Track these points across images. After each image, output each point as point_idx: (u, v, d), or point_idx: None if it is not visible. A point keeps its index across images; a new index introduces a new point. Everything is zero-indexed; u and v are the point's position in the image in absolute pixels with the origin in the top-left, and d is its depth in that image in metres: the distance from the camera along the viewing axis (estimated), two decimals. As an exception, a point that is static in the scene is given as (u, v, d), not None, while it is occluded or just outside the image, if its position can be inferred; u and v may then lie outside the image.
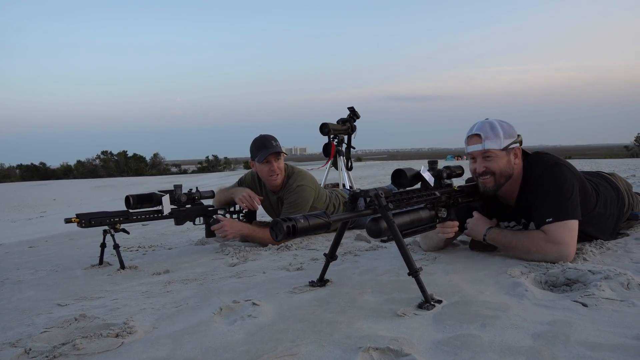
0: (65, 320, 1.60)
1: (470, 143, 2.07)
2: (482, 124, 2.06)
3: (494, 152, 2.02)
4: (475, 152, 2.06)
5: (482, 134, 2.02)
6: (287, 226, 1.37)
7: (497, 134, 2.01)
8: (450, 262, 2.07)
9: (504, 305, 1.46)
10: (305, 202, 2.94)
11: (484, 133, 2.02)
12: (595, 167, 12.29)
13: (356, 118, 4.92)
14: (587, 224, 2.08)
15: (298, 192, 2.92)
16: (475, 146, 2.04)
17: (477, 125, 2.07)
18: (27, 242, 4.38)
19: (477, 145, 2.04)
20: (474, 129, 2.07)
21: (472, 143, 2.06)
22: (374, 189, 1.62)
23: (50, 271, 2.66)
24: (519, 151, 2.09)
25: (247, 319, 1.49)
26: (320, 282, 1.84)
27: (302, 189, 2.93)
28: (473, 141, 2.06)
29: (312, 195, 2.98)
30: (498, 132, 2.01)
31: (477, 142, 2.04)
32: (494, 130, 2.02)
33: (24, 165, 44.90)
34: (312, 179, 3.06)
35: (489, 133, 2.01)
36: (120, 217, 2.58)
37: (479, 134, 2.03)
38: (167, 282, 2.12)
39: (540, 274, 1.77)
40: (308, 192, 2.95)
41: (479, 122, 2.09)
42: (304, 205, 2.93)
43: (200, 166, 43.89)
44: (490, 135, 2.01)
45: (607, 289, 1.51)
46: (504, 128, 2.04)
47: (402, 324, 1.37)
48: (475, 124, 2.09)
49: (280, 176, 2.96)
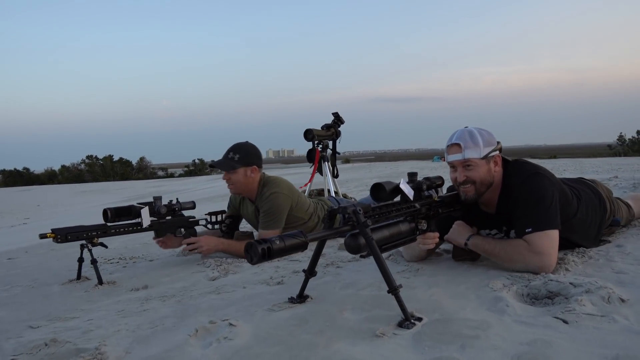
0: (35, 346, 1.54)
1: (450, 152, 2.06)
2: (462, 133, 2.04)
3: (474, 161, 2.01)
4: (456, 162, 2.04)
5: (461, 143, 2.01)
6: (262, 248, 1.33)
7: (477, 142, 2.00)
8: (433, 274, 2.05)
9: (485, 324, 1.44)
10: (279, 210, 2.85)
11: (463, 142, 2.01)
12: (579, 166, 12.43)
13: (340, 123, 4.90)
14: (569, 231, 2.08)
15: (271, 200, 2.84)
16: (455, 155, 2.03)
17: (456, 135, 2.05)
18: (7, 253, 4.28)
19: (457, 154, 2.02)
20: (453, 138, 2.05)
21: (452, 152, 2.05)
22: (352, 205, 1.59)
23: (27, 287, 2.59)
24: (499, 159, 2.08)
25: (223, 342, 1.45)
26: (300, 298, 1.81)
27: (276, 197, 2.85)
28: (453, 150, 2.04)
29: (286, 202, 2.89)
30: (477, 141, 2.00)
31: (457, 151, 2.03)
32: (473, 139, 2.01)
33: (7, 171, 44.19)
34: (289, 186, 2.98)
35: (468, 142, 2.00)
36: (98, 231, 2.52)
37: (459, 143, 2.02)
38: (144, 300, 2.07)
39: (522, 286, 1.76)
40: (282, 199, 2.87)
41: (459, 130, 2.07)
42: (278, 214, 2.85)
43: (187, 169, 43.61)
44: (470, 144, 2.00)
45: (588, 304, 1.50)
46: (484, 136, 2.03)
47: (380, 345, 1.34)
48: (455, 132, 2.08)
49: (234, 187, 2.88)
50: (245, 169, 2.84)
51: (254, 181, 2.89)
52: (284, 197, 2.87)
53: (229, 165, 2.82)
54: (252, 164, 2.86)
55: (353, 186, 9.01)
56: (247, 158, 2.84)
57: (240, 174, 2.83)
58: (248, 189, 2.91)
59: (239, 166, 2.82)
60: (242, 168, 2.83)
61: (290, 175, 16.24)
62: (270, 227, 2.83)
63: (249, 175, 2.86)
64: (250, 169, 2.85)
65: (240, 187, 2.88)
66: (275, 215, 2.85)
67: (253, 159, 2.88)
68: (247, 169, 2.84)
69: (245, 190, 2.92)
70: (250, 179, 2.87)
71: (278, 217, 2.85)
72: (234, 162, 2.82)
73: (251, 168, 2.86)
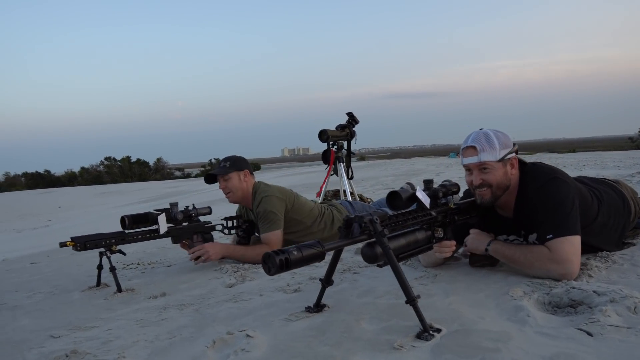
0: (57, 357, 1.57)
1: (466, 155, 2.02)
2: (477, 135, 2.00)
3: (490, 164, 1.97)
4: (471, 165, 2.01)
5: (477, 145, 1.97)
6: (280, 259, 1.33)
7: (493, 145, 1.96)
8: (451, 281, 2.02)
9: (505, 335, 1.41)
10: (272, 211, 2.90)
11: (479, 145, 1.97)
12: (600, 160, 12.19)
13: (355, 123, 4.87)
14: (589, 235, 2.03)
15: (263, 204, 2.93)
16: (470, 158, 1.99)
17: (471, 137, 2.02)
18: (29, 257, 4.37)
19: (472, 157, 1.99)
20: (468, 140, 2.01)
21: (467, 155, 2.01)
22: (369, 214, 1.58)
23: (48, 294, 2.63)
24: (516, 161, 2.04)
25: (240, 354, 1.45)
26: (317, 307, 1.80)
27: (267, 200, 2.93)
28: (468, 153, 2.01)
29: (279, 203, 2.95)
30: (494, 143, 1.96)
31: (472, 154, 1.99)
32: (489, 141, 1.97)
33: (29, 173, 45.12)
34: (280, 189, 3.06)
35: (484, 145, 1.96)
36: (116, 239, 2.55)
37: (474, 145, 1.98)
38: (162, 308, 2.08)
39: (544, 294, 1.72)
40: (274, 201, 2.93)
41: (474, 133, 2.04)
42: (272, 215, 2.90)
43: (204, 169, 43.96)
44: (486, 147, 1.96)
45: (613, 314, 1.46)
46: (500, 138, 1.99)
47: (398, 358, 1.33)
48: (470, 135, 2.04)
49: (232, 194, 3.02)
50: (238, 173, 2.99)
51: (248, 186, 3.03)
52: (275, 199, 2.95)
53: (223, 171, 2.99)
54: (243, 169, 3.02)
55: (369, 185, 8.97)
56: (237, 164, 3.02)
57: (234, 179, 2.99)
58: (244, 195, 3.03)
59: (232, 170, 2.98)
60: (235, 172, 2.98)
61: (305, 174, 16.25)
62: (270, 229, 2.87)
63: (243, 179, 3.00)
64: (242, 173, 3.01)
65: (237, 193, 3.01)
66: (271, 217, 2.89)
67: (243, 164, 3.04)
68: (240, 173, 3.00)
69: (242, 197, 3.03)
70: (244, 184, 3.01)
71: (275, 218, 2.89)
72: (227, 169, 2.99)
73: (244, 172, 3.02)
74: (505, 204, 2.08)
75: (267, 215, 2.89)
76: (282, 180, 14.22)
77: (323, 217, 3.14)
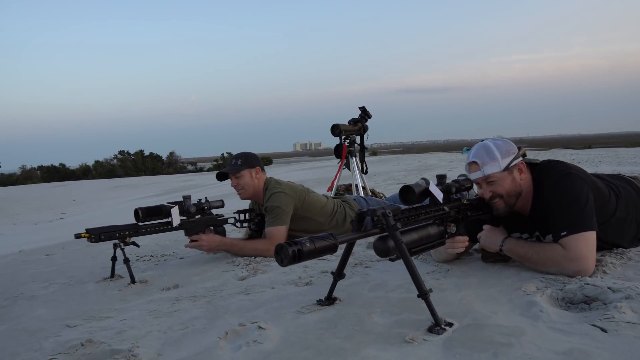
0: (72, 346, 1.59)
1: (471, 171, 2.03)
2: (477, 150, 2.01)
3: (494, 176, 1.97)
4: (477, 180, 2.01)
5: (478, 160, 1.98)
6: (293, 251, 1.34)
7: (494, 156, 1.96)
8: (463, 276, 2.01)
9: (518, 330, 1.40)
10: (278, 207, 2.90)
11: (480, 159, 1.97)
12: (616, 157, 11.99)
13: (368, 118, 4.85)
14: (607, 231, 2.00)
15: (272, 200, 2.93)
16: (475, 174, 2.01)
17: (472, 152, 2.03)
18: (45, 249, 4.43)
19: (477, 172, 2.00)
20: (470, 156, 2.03)
21: (472, 171, 2.03)
22: (382, 208, 1.57)
23: (64, 285, 2.68)
24: (523, 165, 2.02)
25: (252, 345, 1.46)
26: (328, 300, 1.81)
27: (275, 196, 2.94)
28: (472, 169, 2.02)
29: (287, 200, 2.94)
30: (494, 155, 1.96)
31: (476, 169, 2.00)
32: (489, 154, 1.97)
33: (45, 167, 45.75)
34: (290, 186, 3.06)
35: (485, 158, 1.97)
36: (130, 231, 2.58)
37: (476, 161, 1.99)
38: (175, 299, 2.11)
39: (557, 289, 1.70)
40: (282, 197, 2.94)
41: (474, 147, 2.05)
42: (278, 210, 2.90)
43: (216, 163, 44.18)
44: (487, 160, 1.96)
45: (629, 311, 1.44)
46: (500, 148, 1.98)
47: (410, 352, 1.33)
48: (472, 149, 2.06)
49: (244, 191, 3.03)
50: (250, 170, 3.00)
51: (260, 183, 3.04)
52: (284, 196, 2.95)
53: (235, 169, 3.00)
54: (255, 166, 3.02)
55: (381, 180, 8.94)
56: (249, 161, 3.02)
57: (246, 176, 3.00)
58: (256, 191, 3.04)
59: (243, 168, 2.99)
60: (246, 170, 2.99)
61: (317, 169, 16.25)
62: (275, 223, 2.88)
63: (254, 176, 3.02)
64: (254, 170, 3.02)
65: (249, 189, 3.02)
66: (277, 212, 2.90)
67: (254, 161, 3.05)
68: (251, 170, 3.01)
69: (254, 193, 3.05)
70: (255, 181, 3.02)
71: (280, 213, 2.89)
72: (238, 166, 3.00)
73: (255, 169, 3.02)
74: (522, 208, 2.07)
75: (273, 211, 2.91)
76: (294, 175, 14.24)
77: (335, 215, 3.13)
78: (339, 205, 3.21)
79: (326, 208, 3.12)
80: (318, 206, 3.09)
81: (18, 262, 3.75)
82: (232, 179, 3.03)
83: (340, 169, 4.72)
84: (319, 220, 3.07)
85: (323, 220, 3.09)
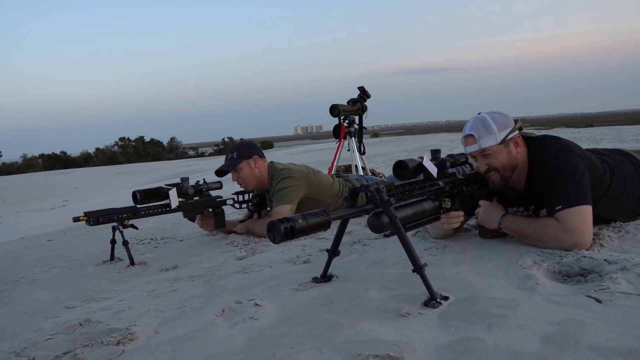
0: (71, 326, 1.60)
1: (467, 144, 2.01)
2: (474, 122, 1.99)
3: (491, 149, 1.96)
4: (473, 152, 1.99)
5: (474, 133, 1.96)
6: (285, 227, 1.33)
7: (490, 129, 1.94)
8: (461, 251, 2.01)
9: (513, 302, 1.40)
10: (284, 187, 2.87)
11: (476, 132, 1.96)
12: (618, 134, 11.93)
13: (367, 98, 4.82)
14: (601, 208, 1.99)
15: (281, 182, 2.90)
16: (471, 147, 1.99)
17: (469, 124, 2.01)
18: (47, 235, 4.45)
19: (473, 145, 1.98)
20: (466, 128, 2.01)
21: (468, 144, 2.01)
22: (375, 183, 1.56)
23: (64, 268, 2.69)
24: (519, 139, 2.01)
25: (249, 322, 1.46)
26: (324, 278, 1.81)
27: (286, 180, 2.90)
28: (469, 142, 2.00)
29: (296, 183, 2.90)
30: (491, 128, 1.94)
31: (472, 142, 1.98)
32: (486, 126, 1.95)
33: (46, 155, 45.77)
34: (296, 169, 3.00)
35: (481, 131, 1.95)
36: (128, 213, 2.58)
37: (472, 134, 1.97)
38: (174, 280, 2.12)
39: (554, 263, 1.71)
40: (291, 181, 2.90)
41: (471, 120, 2.03)
42: (283, 192, 2.87)
43: (217, 148, 44.11)
44: (483, 133, 1.94)
45: (624, 282, 1.44)
46: (497, 121, 1.96)
47: (405, 325, 1.33)
48: (468, 122, 2.03)
49: (247, 184, 2.98)
50: (247, 161, 2.93)
51: (262, 171, 2.97)
52: (292, 180, 2.90)
53: (231, 164, 2.92)
54: (252, 155, 2.94)
55: (382, 161, 8.94)
56: (244, 151, 2.94)
57: (245, 168, 2.93)
58: (259, 181, 2.98)
59: (240, 161, 2.91)
60: (244, 162, 2.92)
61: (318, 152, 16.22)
62: (282, 202, 2.83)
63: (253, 166, 2.94)
64: (252, 160, 2.94)
65: (251, 181, 2.97)
66: (283, 194, 2.86)
67: (250, 150, 2.96)
68: (249, 160, 2.93)
69: (257, 183, 2.99)
70: (256, 170, 2.95)
71: (286, 193, 2.86)
72: (235, 160, 2.92)
73: (253, 159, 2.94)
74: (517, 182, 2.06)
75: (280, 192, 2.87)
76: (295, 157, 14.22)
77: (341, 195, 3.11)
78: (343, 185, 3.18)
79: (333, 188, 3.10)
80: (327, 185, 3.06)
81: (20, 248, 3.77)
82: (232, 175, 2.96)
83: (339, 149, 4.71)
84: (326, 200, 3.04)
85: (330, 200, 3.06)
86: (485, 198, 2.07)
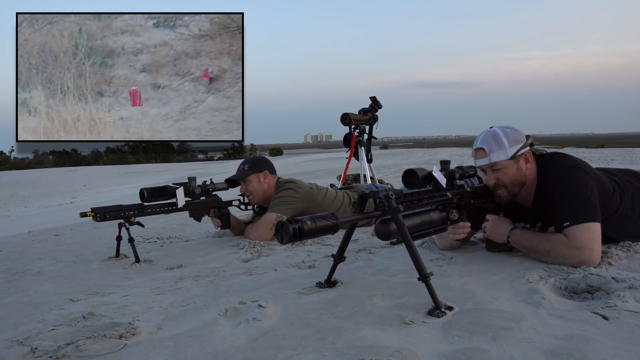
0: (74, 318, 1.61)
1: (477, 157, 2.01)
2: (485, 136, 1.99)
3: (501, 164, 1.95)
4: (483, 166, 1.99)
5: (485, 147, 1.96)
6: (294, 228, 1.33)
7: (501, 144, 1.94)
8: (467, 264, 2.00)
9: (518, 315, 1.39)
10: (281, 196, 2.91)
11: (487, 146, 1.95)
12: (630, 156, 11.84)
13: (378, 108, 4.83)
14: (610, 228, 1.97)
15: (283, 191, 2.94)
16: (481, 160, 1.99)
17: (480, 138, 2.01)
18: (54, 230, 4.49)
19: (483, 159, 1.98)
20: (477, 142, 2.01)
21: (478, 157, 2.00)
22: (384, 190, 1.56)
23: (70, 262, 2.70)
24: (530, 155, 2.00)
25: (252, 322, 1.46)
26: (328, 282, 1.80)
27: (288, 191, 2.94)
28: (479, 155, 2.00)
29: (298, 196, 2.93)
30: (502, 142, 1.94)
31: (482, 155, 1.98)
32: (497, 141, 1.95)
33: (57, 152, 46.19)
34: (303, 185, 3.03)
35: (492, 145, 1.95)
36: (135, 211, 2.59)
37: (483, 147, 1.96)
38: (178, 278, 2.12)
39: (560, 279, 1.69)
40: (291, 192, 2.94)
41: (482, 133, 2.02)
42: (280, 200, 2.90)
43: (227, 153, 44.29)
44: (494, 147, 1.94)
45: (632, 300, 1.42)
46: (508, 135, 1.96)
47: (408, 332, 1.32)
48: (479, 136, 2.03)
49: (253, 196, 3.03)
50: (257, 174, 2.99)
51: (270, 186, 3.02)
52: (293, 192, 2.94)
53: (242, 175, 2.99)
54: (262, 170, 3.00)
55: (390, 172, 8.94)
56: (256, 165, 3.01)
57: (253, 181, 2.99)
58: (265, 195, 3.02)
59: (250, 173, 2.98)
60: (254, 175, 2.98)
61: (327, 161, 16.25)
62: (273, 210, 2.87)
63: (263, 181, 3.00)
64: (262, 174, 3.00)
65: (258, 194, 3.01)
66: (282, 202, 2.89)
67: (262, 165, 3.03)
68: (259, 174, 2.99)
69: (264, 197, 3.03)
70: (264, 185, 3.00)
71: (285, 203, 2.88)
72: (245, 172, 2.99)
73: (263, 173, 3.00)
74: (525, 198, 2.05)
75: (276, 200, 2.92)
76: (303, 165, 14.25)
77: (343, 205, 3.12)
78: (349, 196, 3.20)
79: (337, 201, 3.13)
80: (328, 202, 3.08)
81: (27, 241, 3.80)
82: (241, 185, 3.02)
83: (350, 158, 4.72)
84: None
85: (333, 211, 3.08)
86: (492, 212, 2.06)
